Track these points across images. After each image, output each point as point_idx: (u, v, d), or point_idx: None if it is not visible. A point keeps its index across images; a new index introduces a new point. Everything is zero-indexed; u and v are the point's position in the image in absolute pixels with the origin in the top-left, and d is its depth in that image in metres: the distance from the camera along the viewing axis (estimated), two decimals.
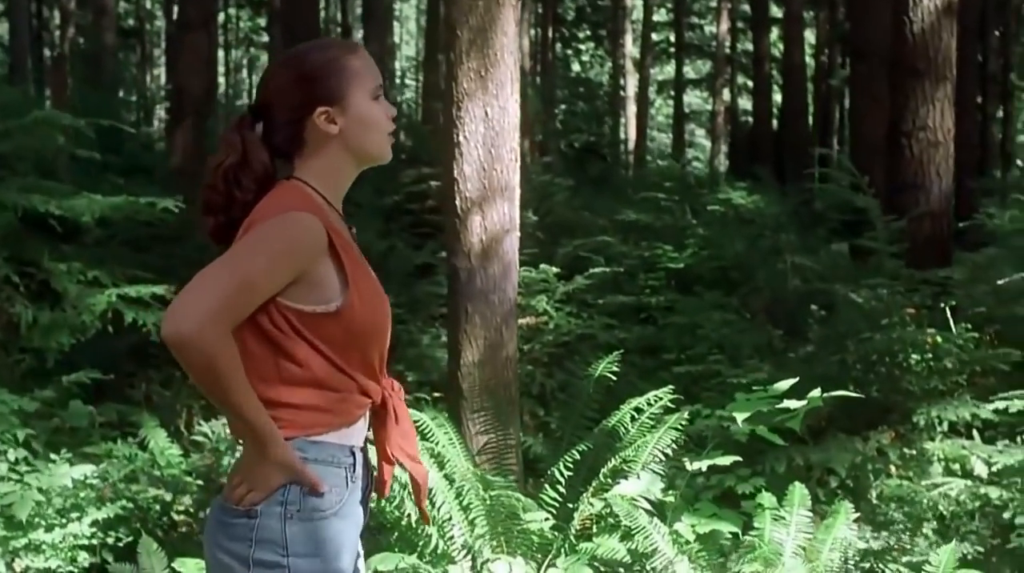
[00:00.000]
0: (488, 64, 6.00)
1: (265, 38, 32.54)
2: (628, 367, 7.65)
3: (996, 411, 5.53)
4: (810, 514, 4.15)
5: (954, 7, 10.69)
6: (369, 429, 2.65)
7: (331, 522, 2.47)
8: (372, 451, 2.68)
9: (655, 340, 8.36)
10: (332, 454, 2.49)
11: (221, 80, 34.15)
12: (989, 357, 6.87)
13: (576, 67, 36.94)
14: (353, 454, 2.53)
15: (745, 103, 37.62)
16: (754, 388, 4.33)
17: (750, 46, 35.93)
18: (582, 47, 37.07)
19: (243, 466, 2.47)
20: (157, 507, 5.74)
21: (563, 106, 32.58)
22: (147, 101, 22.98)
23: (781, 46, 29.18)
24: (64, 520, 4.91)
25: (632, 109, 30.85)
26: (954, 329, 7.44)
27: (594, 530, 4.02)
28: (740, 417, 4.08)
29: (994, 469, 5.35)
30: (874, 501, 5.81)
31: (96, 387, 6.88)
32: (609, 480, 4.06)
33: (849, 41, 29.27)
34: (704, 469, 4.25)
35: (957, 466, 6.18)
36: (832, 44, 31.74)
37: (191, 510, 5.93)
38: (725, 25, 30.92)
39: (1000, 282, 7.84)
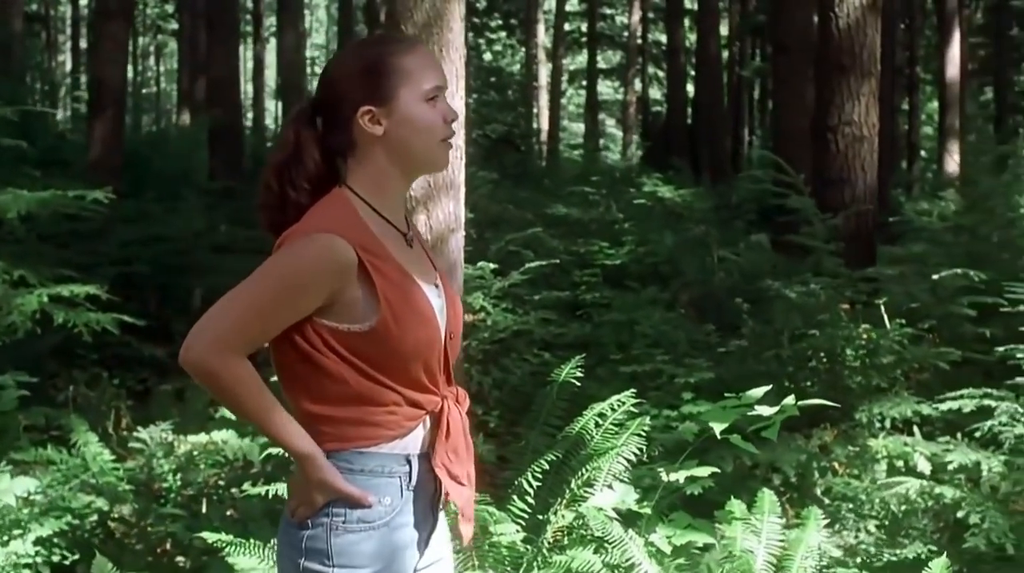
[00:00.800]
0: None
1: (174, 25, 31.95)
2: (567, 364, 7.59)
3: (950, 411, 5.54)
4: (780, 521, 4.11)
5: (879, 3, 10.78)
6: None
7: (381, 533, 2.43)
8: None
9: (592, 337, 8.32)
10: (382, 464, 2.44)
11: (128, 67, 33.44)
12: (929, 355, 6.90)
13: (488, 56, 36.83)
14: (409, 462, 2.46)
15: (655, 93, 37.87)
16: (726, 394, 4.27)
17: (661, 36, 36.29)
18: (494, 36, 36.97)
19: (294, 482, 2.49)
20: (94, 517, 5.54)
21: (475, 95, 32.45)
22: (54, 89, 22.45)
23: (693, 37, 29.35)
24: (5, 538, 4.70)
25: (545, 99, 30.83)
26: (888, 325, 7.49)
27: (566, 542, 3.94)
28: (717, 427, 4.03)
29: (950, 468, 5.36)
30: (825, 500, 5.79)
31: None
32: (582, 491, 3.98)
33: (764, 33, 29.57)
34: (681, 480, 4.18)
35: (901, 463, 6.21)
36: (743, 35, 32.04)
37: (130, 520, 5.74)
38: (637, 15, 31.03)
39: (936, 277, 7.90)
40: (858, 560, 5.04)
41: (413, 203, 5.86)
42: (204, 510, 5.95)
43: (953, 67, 24.21)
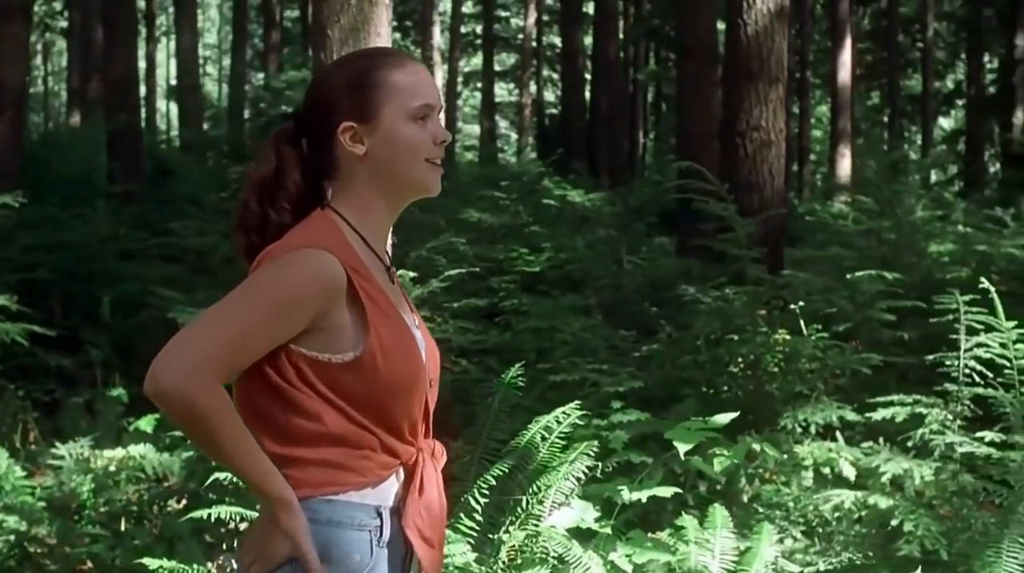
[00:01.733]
0: None
1: (63, 23, 31.16)
2: (490, 373, 7.50)
3: (884, 419, 5.57)
4: (732, 535, 4.08)
5: (786, 11, 10.91)
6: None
7: None
8: None
9: (512, 344, 8.23)
10: (352, 515, 2.22)
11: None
12: (851, 360, 6.96)
13: None
14: (381, 516, 2.25)
15: (549, 96, 37.99)
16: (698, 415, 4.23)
17: (556, 39, 36.42)
18: None
19: (253, 531, 2.26)
20: (11, 537, 5.32)
21: None
22: None
23: (587, 40, 29.45)
24: None
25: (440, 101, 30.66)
26: (805, 331, 7.53)
27: (520, 562, 3.85)
28: (682, 448, 3.99)
29: (884, 478, 5.39)
30: (758, 508, 5.78)
31: None
32: (535, 509, 3.89)
33: (658, 37, 29.81)
34: (644, 500, 4.13)
35: (828, 470, 6.24)
36: (637, 38, 32.23)
37: (48, 541, 5.52)
38: (532, 18, 31.07)
39: (849, 277, 7.99)
40: (796, 568, 5.04)
41: None
42: (124, 529, 5.76)
43: (844, 71, 24.62)
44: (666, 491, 4.20)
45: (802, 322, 7.58)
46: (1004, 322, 5.13)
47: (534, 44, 32.66)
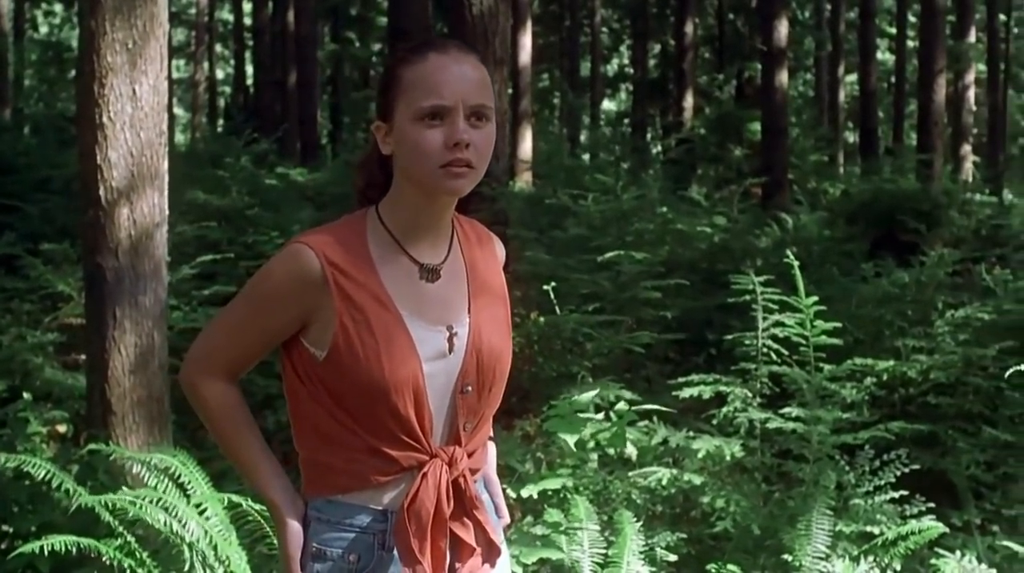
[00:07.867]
0: (136, 36, 5.37)
1: None
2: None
3: (691, 397, 5.62)
4: (598, 528, 3.99)
5: None
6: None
7: None
8: None
9: None
10: (352, 516, 2.21)
11: None
12: (624, 340, 7.03)
13: (45, 29, 34.67)
14: (387, 519, 2.21)
15: (220, 73, 37.05)
16: (554, 402, 4.10)
17: (228, 15, 35.53)
18: (51, 8, 34.84)
19: None
20: None
21: (31, 71, 30.49)
22: None
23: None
24: None
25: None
26: (559, 311, 7.56)
27: None
28: (571, 440, 3.86)
29: (699, 455, 5.44)
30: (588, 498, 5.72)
31: None
32: None
33: (338, 14, 29.49)
34: (536, 495, 3.97)
35: (612, 450, 6.26)
36: (317, 16, 31.77)
37: None
38: None
39: (600, 259, 8.10)
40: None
41: (114, 195, 5.37)
42: None
43: (525, 54, 24.96)
44: (555, 483, 4.07)
45: (556, 305, 7.61)
46: (804, 300, 5.27)
47: (207, 19, 31.71)
